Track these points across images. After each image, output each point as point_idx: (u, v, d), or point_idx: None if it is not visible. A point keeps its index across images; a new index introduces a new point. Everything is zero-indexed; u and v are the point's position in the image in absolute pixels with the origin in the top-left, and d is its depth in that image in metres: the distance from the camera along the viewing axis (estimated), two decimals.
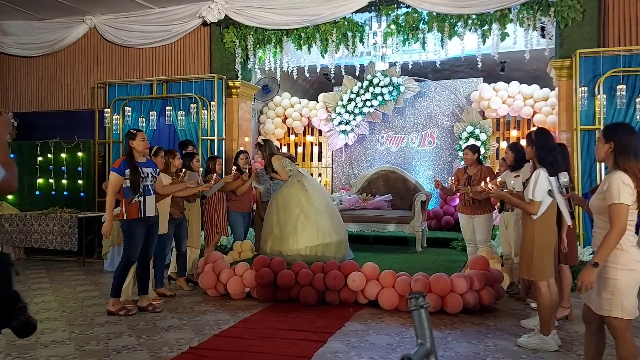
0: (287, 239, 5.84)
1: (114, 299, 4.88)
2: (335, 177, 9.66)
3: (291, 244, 5.82)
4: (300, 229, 5.83)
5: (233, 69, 7.91)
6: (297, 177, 6.12)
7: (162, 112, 7.94)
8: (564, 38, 6.58)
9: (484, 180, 4.74)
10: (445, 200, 8.76)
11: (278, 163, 6.03)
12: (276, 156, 6.10)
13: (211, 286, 5.51)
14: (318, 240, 5.89)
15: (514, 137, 8.63)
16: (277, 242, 5.87)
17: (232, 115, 7.97)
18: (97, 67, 8.74)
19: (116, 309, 4.84)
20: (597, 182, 6.23)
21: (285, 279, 5.19)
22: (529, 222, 3.89)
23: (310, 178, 6.45)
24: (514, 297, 5.43)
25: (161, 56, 8.42)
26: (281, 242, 5.86)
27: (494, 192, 4.20)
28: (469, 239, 5.97)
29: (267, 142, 6.31)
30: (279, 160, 6.07)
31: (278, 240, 5.87)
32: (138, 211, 4.76)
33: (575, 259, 4.74)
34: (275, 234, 5.90)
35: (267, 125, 9.64)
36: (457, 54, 7.31)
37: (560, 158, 4.06)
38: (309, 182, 6.24)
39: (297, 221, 5.85)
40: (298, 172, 6.19)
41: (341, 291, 5.11)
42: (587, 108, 6.31)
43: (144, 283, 5.04)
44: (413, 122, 9.15)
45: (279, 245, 5.85)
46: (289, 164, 6.18)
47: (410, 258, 6.65)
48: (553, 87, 7.62)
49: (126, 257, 4.84)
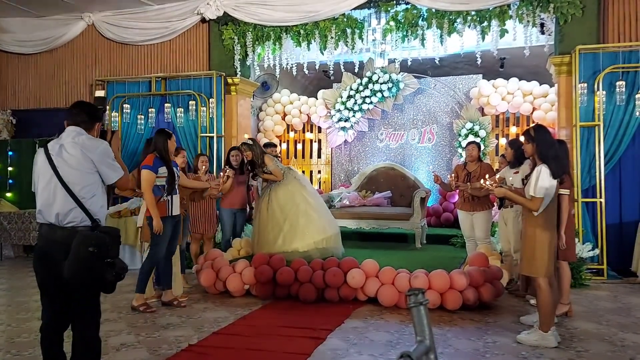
0: (302, 234, 5.75)
1: (139, 294, 4.98)
2: (334, 174, 9.66)
3: (307, 238, 5.75)
4: (309, 223, 5.81)
5: (232, 66, 7.89)
6: (293, 174, 6.10)
7: (160, 109, 7.93)
8: (564, 34, 6.57)
9: (483, 177, 4.74)
10: (444, 196, 8.76)
11: (273, 163, 5.95)
12: (268, 156, 6.01)
13: (210, 283, 5.51)
14: (325, 233, 5.91)
15: (513, 133, 8.63)
16: (289, 239, 5.74)
17: (231, 112, 7.95)
18: (96, 65, 8.72)
19: (139, 304, 4.93)
20: (596, 179, 6.23)
21: (284, 276, 5.18)
22: (530, 219, 3.88)
23: (300, 173, 6.49)
24: (513, 293, 5.43)
25: (160, 53, 8.40)
26: (294, 238, 5.73)
27: (495, 189, 4.19)
28: (468, 236, 5.97)
29: (255, 140, 6.24)
30: (273, 160, 6.01)
31: (291, 237, 5.74)
32: (166, 209, 4.87)
33: (573, 255, 4.74)
34: (285, 232, 5.77)
35: (267, 122, 9.63)
36: (457, 50, 7.31)
37: (562, 154, 4.05)
38: (303, 178, 6.31)
39: (306, 216, 5.83)
40: (289, 169, 6.18)
41: (341, 288, 5.11)
42: (586, 104, 6.30)
43: (167, 278, 5.14)
44: (412, 119, 9.14)
45: (291, 242, 5.72)
46: (279, 163, 6.16)
47: (410, 255, 6.66)
48: (552, 83, 7.62)
49: (154, 254, 4.92)
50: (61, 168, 2.75)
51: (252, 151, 5.95)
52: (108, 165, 2.84)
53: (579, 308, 4.89)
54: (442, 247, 7.28)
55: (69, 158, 2.77)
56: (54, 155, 2.79)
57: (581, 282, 5.76)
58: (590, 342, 4.00)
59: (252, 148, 5.97)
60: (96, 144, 2.84)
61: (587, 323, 4.48)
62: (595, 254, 6.05)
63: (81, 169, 2.76)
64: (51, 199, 2.76)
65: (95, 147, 2.82)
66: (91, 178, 2.78)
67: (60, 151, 2.79)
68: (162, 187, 4.83)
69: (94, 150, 2.80)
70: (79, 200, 2.74)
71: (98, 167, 2.80)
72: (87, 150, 2.79)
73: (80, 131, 2.87)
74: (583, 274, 5.82)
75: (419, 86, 8.92)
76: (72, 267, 2.62)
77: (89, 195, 2.78)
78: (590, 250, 5.96)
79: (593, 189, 6.31)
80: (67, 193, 2.73)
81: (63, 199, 2.74)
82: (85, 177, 2.76)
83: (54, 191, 2.76)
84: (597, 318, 4.62)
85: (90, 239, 2.64)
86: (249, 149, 5.97)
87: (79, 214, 2.74)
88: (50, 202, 2.76)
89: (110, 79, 8.38)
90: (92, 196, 2.78)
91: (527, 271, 3.97)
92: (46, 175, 2.78)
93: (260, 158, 5.93)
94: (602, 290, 5.67)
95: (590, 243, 6.04)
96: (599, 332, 4.24)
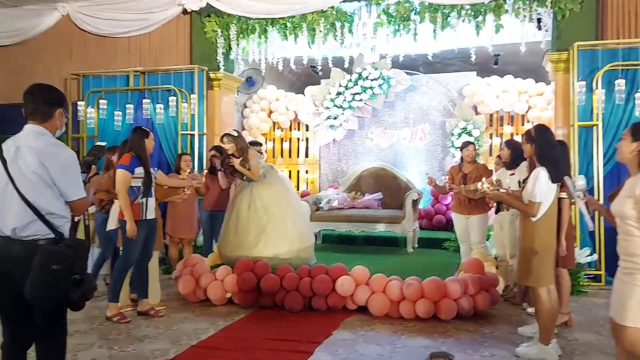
0: (286, 239, 5.54)
1: (112, 303, 4.78)
2: (322, 174, 9.49)
3: (291, 244, 5.55)
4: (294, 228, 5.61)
5: (215, 60, 7.69)
6: (276, 174, 5.89)
7: (139, 105, 7.70)
8: (561, 30, 6.47)
9: (479, 179, 4.62)
10: (437, 198, 8.64)
11: (255, 160, 5.70)
12: (253, 151, 5.77)
13: (190, 291, 5.32)
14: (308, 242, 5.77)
15: (508, 133, 8.54)
16: (272, 243, 5.50)
17: (213, 108, 7.75)
18: (70, 58, 8.45)
19: (112, 314, 4.74)
20: (594, 182, 6.14)
21: (269, 284, 5.02)
22: (528, 225, 3.75)
23: (282, 174, 6.31)
24: (509, 301, 5.32)
25: (138, 46, 8.16)
26: (277, 243, 5.51)
27: (491, 193, 4.06)
28: (462, 240, 5.86)
29: (240, 132, 5.97)
30: (256, 157, 5.76)
31: (274, 241, 5.50)
32: (140, 213, 4.67)
33: (572, 262, 4.64)
34: (268, 234, 5.49)
35: (251, 120, 9.44)
36: (450, 47, 7.19)
37: (561, 157, 3.93)
38: (286, 179, 6.11)
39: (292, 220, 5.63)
40: (272, 168, 5.95)
41: (329, 296, 4.96)
42: (584, 103, 6.20)
43: (143, 287, 4.94)
44: (404, 117, 9.02)
45: (274, 246, 5.49)
46: (262, 161, 5.93)
47: (402, 260, 6.55)
48: (549, 81, 7.54)
49: (125, 260, 4.75)
50: (16, 177, 2.49)
51: (235, 143, 5.63)
52: (68, 180, 2.53)
53: (578, 317, 4.78)
54: (435, 252, 7.17)
55: (24, 166, 2.49)
56: (9, 160, 2.51)
57: (579, 289, 5.66)
58: (592, 355, 3.89)
59: (236, 140, 5.66)
60: (57, 151, 2.54)
61: (588, 334, 4.37)
62: (593, 260, 5.95)
63: (38, 180, 2.48)
64: (7, 208, 2.50)
65: (56, 156, 2.52)
66: (50, 190, 2.51)
67: (16, 156, 2.52)
68: (138, 188, 4.63)
69: (54, 160, 2.50)
70: (39, 212, 2.49)
71: (56, 180, 2.50)
72: (45, 159, 2.50)
73: (39, 131, 2.59)
74: (581, 280, 5.73)
75: (411, 83, 8.78)
76: (34, 287, 2.39)
77: (50, 206, 2.52)
78: (588, 255, 5.87)
79: (591, 191, 6.21)
80: (25, 204, 2.47)
81: (20, 209, 2.48)
82: (43, 189, 2.50)
83: (10, 201, 2.49)
84: (598, 328, 4.51)
85: (53, 256, 2.41)
86: (233, 140, 5.63)
87: (40, 227, 2.49)
88: (5, 213, 2.50)
89: (85, 72, 8.13)
90: (53, 207, 2.53)
91: (524, 281, 3.85)
92: (0, 181, 2.52)
93: (247, 150, 5.68)
94: (600, 297, 5.57)
95: (588, 248, 5.94)
96: (599, 343, 4.13)
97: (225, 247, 5.66)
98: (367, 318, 4.79)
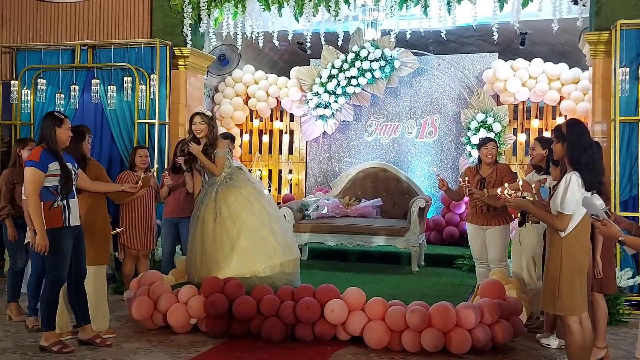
0: (264, 253, 5.54)
1: (47, 332, 4.74)
2: (310, 175, 9.55)
3: (270, 258, 5.55)
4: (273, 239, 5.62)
5: (180, 33, 7.72)
6: (244, 176, 5.89)
7: (86, 86, 7.73)
8: (602, 5, 6.57)
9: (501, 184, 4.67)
10: (448, 206, 8.72)
11: (223, 152, 5.69)
12: (223, 142, 5.77)
13: (146, 316, 5.33)
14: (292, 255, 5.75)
15: (535, 128, 8.64)
16: (245, 260, 5.50)
17: (178, 92, 7.78)
18: (2, 27, 8.44)
19: (49, 343, 4.70)
20: (639, 189, 6.23)
21: (243, 308, 5.04)
22: (556, 240, 3.82)
23: (253, 176, 6.34)
24: (534, 331, 5.40)
25: (87, 14, 8.17)
26: (253, 258, 5.51)
27: (513, 201, 4.12)
28: (479, 257, 5.91)
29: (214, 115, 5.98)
30: (225, 149, 5.76)
31: (247, 256, 5.49)
32: (62, 218, 4.64)
33: (613, 286, 4.72)
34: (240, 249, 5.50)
35: (224, 107, 9.47)
36: (468, 22, 7.25)
37: (599, 160, 3.99)
38: (258, 182, 6.16)
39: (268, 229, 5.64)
40: (240, 169, 5.96)
41: (316, 324, 4.99)
42: (628, 94, 6.30)
43: (83, 310, 4.91)
44: (410, 107, 9.11)
45: (249, 263, 5.48)
46: (229, 157, 5.91)
47: (405, 281, 6.60)
48: (586, 66, 7.63)
49: (54, 277, 4.69)
50: None
51: (207, 124, 5.61)
52: None
53: (618, 353, 4.86)
54: (445, 271, 7.26)
55: None
56: None
57: (618, 318, 5.75)
58: None
59: (211, 121, 5.67)
60: None
61: None
62: (635, 283, 6.05)
63: None
64: None
65: None
66: None
67: None
68: (55, 188, 4.59)
69: None
70: None
71: None
72: None
73: None
74: (621, 307, 5.82)
75: (419, 65, 8.89)
76: None
77: None
78: (630, 278, 5.98)
79: (634, 200, 6.32)
80: None
81: None
82: None
83: None
84: None
85: None
86: (206, 120, 5.61)
87: None
88: None
89: (20, 45, 8.13)
90: None
91: (551, 308, 3.89)
92: None
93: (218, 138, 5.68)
94: None
95: (630, 269, 6.04)
96: None
97: (193, 272, 5.69)
98: (363, 351, 4.82)
